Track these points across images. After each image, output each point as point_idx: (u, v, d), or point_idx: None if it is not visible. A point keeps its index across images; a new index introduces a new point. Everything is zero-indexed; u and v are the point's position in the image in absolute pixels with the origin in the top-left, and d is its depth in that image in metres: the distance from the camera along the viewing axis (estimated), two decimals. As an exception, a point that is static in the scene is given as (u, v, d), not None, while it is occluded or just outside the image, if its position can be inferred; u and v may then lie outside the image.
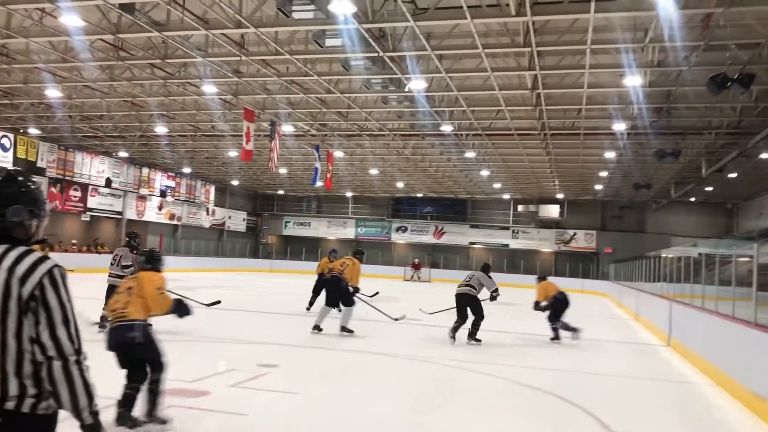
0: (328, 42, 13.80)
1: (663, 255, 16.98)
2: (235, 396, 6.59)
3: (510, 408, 6.95)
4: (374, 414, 6.27)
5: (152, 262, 5.78)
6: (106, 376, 7.14)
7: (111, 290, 10.34)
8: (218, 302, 10.82)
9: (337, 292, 11.89)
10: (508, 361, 9.99)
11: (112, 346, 5.37)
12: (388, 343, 11.24)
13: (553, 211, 41.64)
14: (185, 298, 6.20)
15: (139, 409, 5.18)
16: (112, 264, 11.07)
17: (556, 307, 12.80)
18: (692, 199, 37.79)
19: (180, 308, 5.71)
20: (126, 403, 5.12)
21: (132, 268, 10.18)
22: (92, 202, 32.74)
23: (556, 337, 12.59)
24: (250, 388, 6.97)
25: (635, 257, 23.37)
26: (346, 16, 11.53)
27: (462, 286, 12.01)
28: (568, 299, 12.90)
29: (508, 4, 11.38)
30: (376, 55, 14.31)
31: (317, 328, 11.69)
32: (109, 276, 10.97)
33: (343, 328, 11.67)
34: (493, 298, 12.12)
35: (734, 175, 27.86)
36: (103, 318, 9.97)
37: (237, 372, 7.70)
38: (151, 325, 5.56)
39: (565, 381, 8.62)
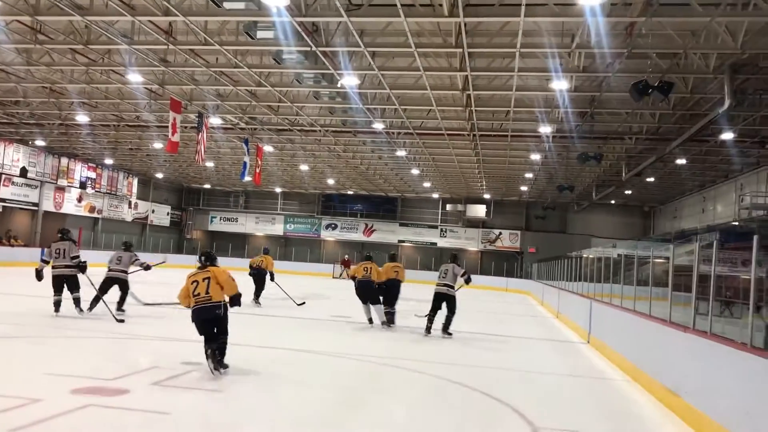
0: (260, 34, 13.59)
1: (584, 255, 17.56)
2: (157, 394, 6.38)
3: (437, 405, 7.01)
4: (300, 410, 6.19)
5: (211, 259, 8.27)
6: (73, 361, 6.78)
7: (60, 281, 12.04)
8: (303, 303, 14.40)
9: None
10: (437, 359, 10.08)
11: (202, 320, 7.51)
12: (316, 341, 11.16)
13: (479, 210, 42.46)
14: None
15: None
16: (56, 257, 12.16)
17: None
18: (612, 202, 39.34)
19: (239, 297, 7.86)
20: (220, 353, 7.44)
21: (78, 258, 12.25)
22: (5, 192, 31.06)
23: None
24: (172, 386, 6.76)
25: (558, 257, 24.08)
26: (278, 8, 11.36)
27: (440, 285, 12.67)
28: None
29: (441, 5, 11.49)
30: (308, 49, 14.17)
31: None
32: (55, 268, 12.14)
33: None
34: (467, 281, 12.98)
35: (652, 179, 29.16)
36: (56, 303, 11.82)
37: (159, 370, 7.46)
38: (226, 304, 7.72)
39: (491, 378, 8.77)
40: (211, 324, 7.53)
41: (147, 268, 13.66)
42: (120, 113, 23.64)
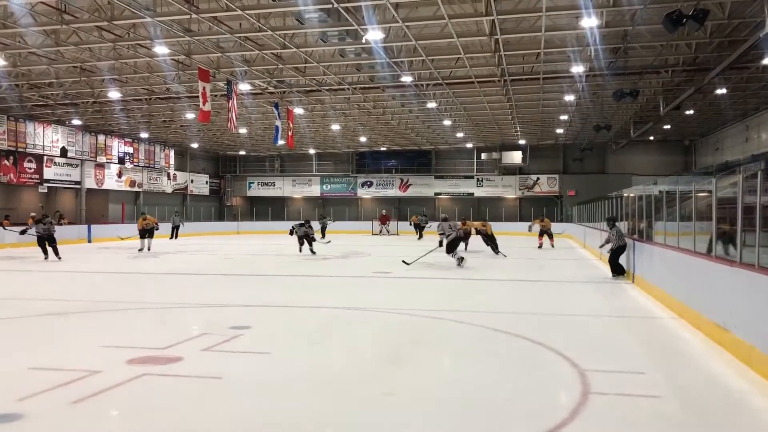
0: (281, -5, 13.43)
1: (624, 194, 17.25)
2: (209, 360, 6.57)
3: (481, 353, 7.07)
4: (347, 368, 6.32)
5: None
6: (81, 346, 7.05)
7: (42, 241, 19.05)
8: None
9: None
10: (478, 308, 10.13)
11: None
12: (359, 298, 11.30)
13: (515, 157, 41.92)
14: None
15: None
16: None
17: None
18: (651, 138, 38.41)
19: None
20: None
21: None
22: (48, 173, 31.89)
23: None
24: (223, 351, 6.95)
25: (598, 198, 23.73)
26: (297, -33, 11.19)
27: (440, 234, 17.58)
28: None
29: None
30: (330, 6, 14.00)
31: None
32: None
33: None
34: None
35: (691, 112, 28.32)
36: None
37: (209, 336, 7.67)
38: None
39: (535, 323, 8.78)
40: None
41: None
42: (150, 86, 23.84)
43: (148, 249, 23.41)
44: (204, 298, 11.12)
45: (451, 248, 16.92)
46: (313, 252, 20.90)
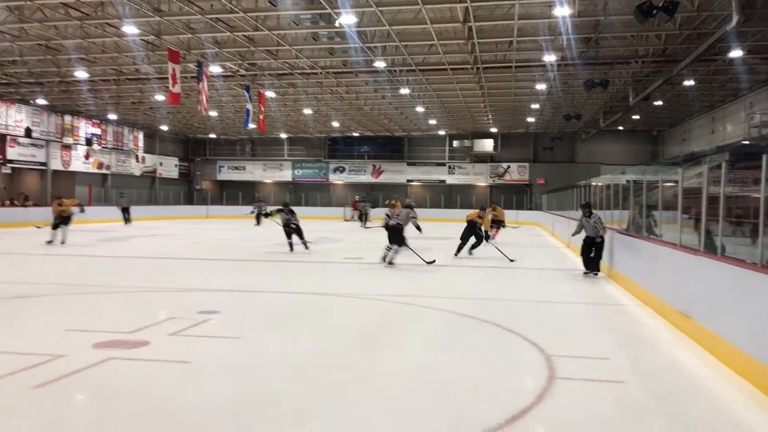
0: (253, -24, 13.26)
1: (593, 183, 17.48)
2: (176, 344, 6.52)
3: (450, 338, 7.12)
4: (317, 353, 6.32)
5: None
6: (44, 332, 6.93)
7: None
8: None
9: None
10: (447, 294, 10.20)
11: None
12: (330, 283, 11.30)
13: (487, 145, 42.13)
14: None
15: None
16: None
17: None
18: (620, 128, 38.90)
19: None
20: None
21: None
22: (12, 153, 31.15)
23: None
24: (191, 335, 6.90)
25: (567, 187, 24.00)
26: (269, -52, 11.04)
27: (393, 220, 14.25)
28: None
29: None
30: (303, -11, 13.85)
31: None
32: None
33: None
34: (417, 227, 14.44)
35: (660, 103, 28.72)
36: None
37: (177, 320, 7.60)
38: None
39: (502, 309, 8.88)
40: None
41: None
42: (119, 67, 23.40)
43: (62, 242, 18.10)
44: (172, 283, 11.01)
45: (393, 239, 13.86)
46: (306, 246, 16.86)
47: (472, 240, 16.01)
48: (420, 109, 31.82)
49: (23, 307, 8.74)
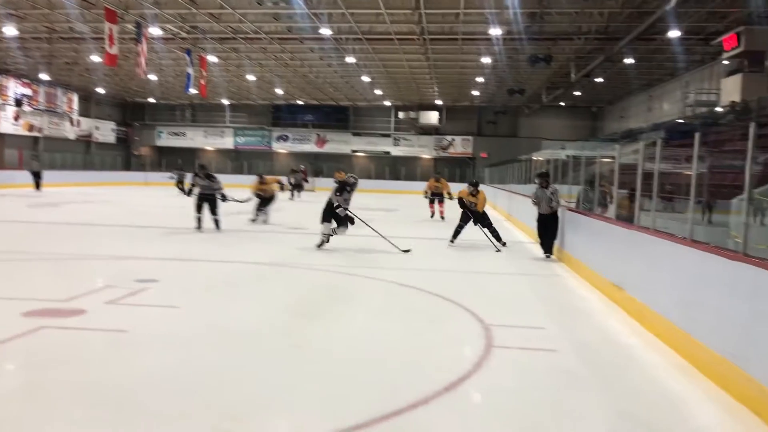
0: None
1: (534, 158, 17.80)
2: (113, 313, 6.37)
3: (392, 308, 7.19)
4: (257, 322, 6.29)
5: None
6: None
7: None
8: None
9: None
10: (388, 265, 10.27)
11: None
12: (272, 253, 11.21)
13: (432, 117, 42.29)
14: None
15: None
16: None
17: None
18: (562, 104, 39.62)
19: None
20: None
21: None
22: (-65, 113, 29.48)
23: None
24: (128, 304, 6.76)
25: (508, 161, 24.37)
26: None
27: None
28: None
29: None
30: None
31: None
32: None
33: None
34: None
35: (600, 79, 29.31)
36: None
37: (113, 289, 7.42)
38: None
39: (442, 280, 9.00)
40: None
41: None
42: (51, 24, 22.32)
43: None
44: (109, 250, 10.72)
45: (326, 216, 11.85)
46: (218, 225, 14.13)
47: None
48: (366, 78, 31.61)
49: None
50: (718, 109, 15.71)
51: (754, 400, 4.17)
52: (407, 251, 11.32)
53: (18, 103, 34.65)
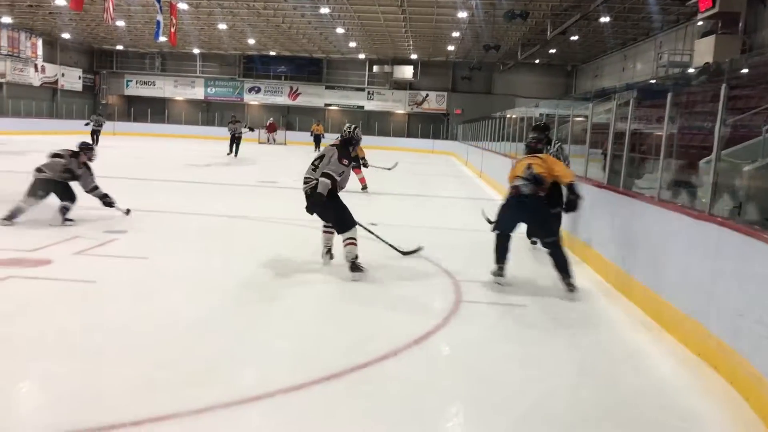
0: None
1: (507, 115, 17.80)
2: (81, 263, 6.30)
3: (363, 262, 7.22)
4: (227, 274, 6.28)
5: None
6: None
7: None
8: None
9: None
10: (366, 220, 10.25)
11: None
12: (244, 206, 11.13)
13: (407, 72, 41.88)
14: None
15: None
16: None
17: None
18: (537, 61, 39.50)
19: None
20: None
21: None
22: None
23: None
24: (96, 255, 6.68)
25: (482, 118, 24.34)
26: None
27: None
28: None
29: None
30: None
31: None
32: None
33: None
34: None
35: (576, 38, 29.23)
36: None
37: (81, 239, 7.33)
38: None
39: (414, 236, 9.04)
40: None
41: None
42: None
43: None
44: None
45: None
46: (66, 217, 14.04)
47: None
48: (340, 30, 31.09)
49: None
50: (691, 70, 15.81)
51: (712, 354, 4.32)
52: (416, 251, 7.69)
53: (-21, 46, 33.43)
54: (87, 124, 26.75)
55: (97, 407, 3.30)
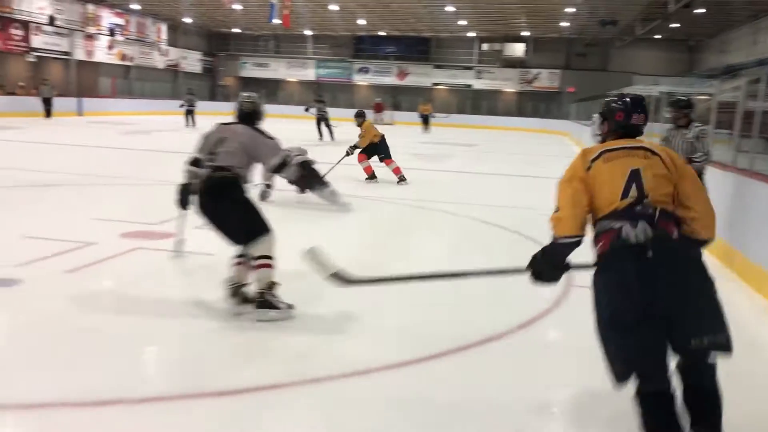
0: None
1: (625, 93, 17.03)
2: (200, 237, 6.64)
3: (469, 245, 7.19)
4: (338, 252, 6.42)
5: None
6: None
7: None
8: None
9: None
10: (470, 201, 10.20)
11: None
12: (352, 185, 11.31)
13: (518, 49, 40.96)
14: None
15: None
16: None
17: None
18: (656, 36, 37.41)
19: None
20: None
21: None
22: (37, 41, 30.87)
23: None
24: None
25: (597, 96, 23.40)
26: None
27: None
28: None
29: None
30: None
31: None
32: None
33: None
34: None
35: (702, 10, 27.43)
36: None
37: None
38: None
39: (526, 218, 8.88)
40: None
41: None
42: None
43: None
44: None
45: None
46: None
47: None
48: (450, 8, 30.76)
49: (48, 195, 8.93)
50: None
51: None
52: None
53: (111, 32, 35.79)
54: (182, 105, 25.74)
55: (214, 372, 3.50)
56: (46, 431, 2.89)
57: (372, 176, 11.82)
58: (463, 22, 35.97)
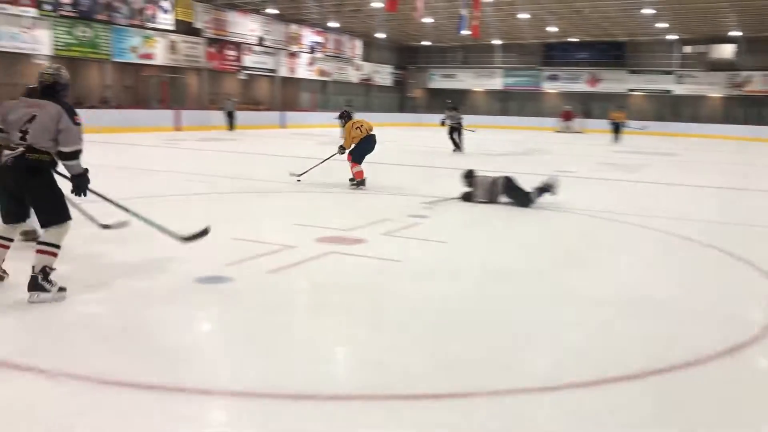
0: None
1: None
2: (389, 243, 6.92)
3: (666, 260, 6.74)
4: (519, 264, 6.36)
5: None
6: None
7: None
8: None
9: None
10: (664, 213, 9.54)
11: None
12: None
13: (725, 51, 37.57)
14: None
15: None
16: None
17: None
18: None
19: None
20: None
21: None
22: (247, 60, 34.02)
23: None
24: (402, 236, 7.27)
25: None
26: None
27: None
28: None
29: None
30: None
31: None
32: None
33: None
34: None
35: None
36: None
37: (389, 222, 8.02)
38: None
39: (732, 233, 8.15)
40: None
41: None
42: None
43: None
44: (383, 184, 11.53)
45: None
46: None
47: None
48: (648, 11, 29.05)
49: (256, 200, 9.82)
50: None
51: None
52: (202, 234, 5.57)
53: (312, 50, 38.40)
54: (443, 123, 21.24)
55: (401, 379, 3.62)
56: (248, 417, 3.17)
57: (360, 182, 11.00)
58: (662, 25, 33.76)
